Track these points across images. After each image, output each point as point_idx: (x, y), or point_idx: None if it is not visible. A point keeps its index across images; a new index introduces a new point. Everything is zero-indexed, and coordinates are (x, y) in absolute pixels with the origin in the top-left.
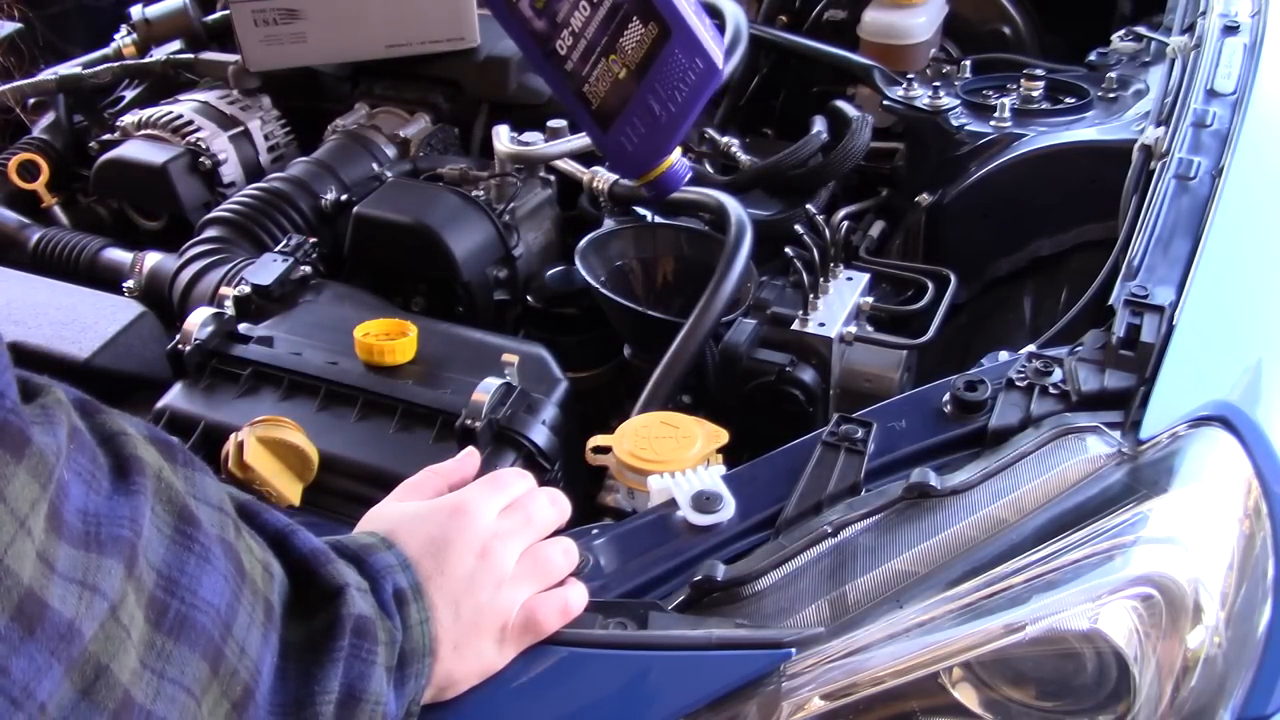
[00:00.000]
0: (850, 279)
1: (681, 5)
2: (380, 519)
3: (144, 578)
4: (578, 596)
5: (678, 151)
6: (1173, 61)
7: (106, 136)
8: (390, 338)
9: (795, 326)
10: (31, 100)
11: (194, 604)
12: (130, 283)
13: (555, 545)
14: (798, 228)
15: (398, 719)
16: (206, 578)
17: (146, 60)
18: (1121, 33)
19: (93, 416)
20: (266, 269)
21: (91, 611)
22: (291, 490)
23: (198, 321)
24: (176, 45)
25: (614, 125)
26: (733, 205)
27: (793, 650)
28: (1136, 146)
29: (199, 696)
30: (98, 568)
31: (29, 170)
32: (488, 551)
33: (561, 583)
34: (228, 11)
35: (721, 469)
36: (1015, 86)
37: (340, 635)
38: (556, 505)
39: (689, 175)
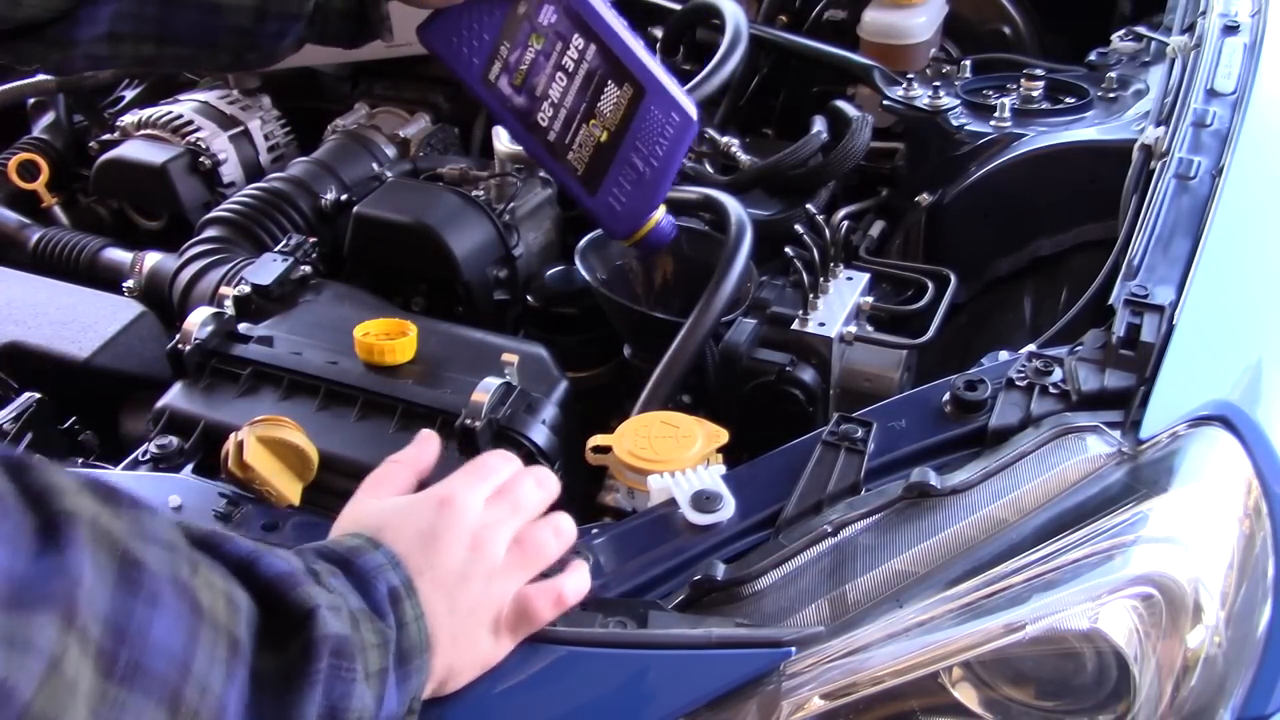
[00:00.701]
0: (850, 279)
1: (650, 64)
2: (365, 516)
3: (88, 629)
4: (575, 583)
5: (662, 209)
6: (1173, 61)
7: (106, 136)
8: (390, 338)
9: (795, 326)
10: (31, 100)
11: (145, 649)
12: (130, 283)
13: (545, 527)
14: (798, 228)
15: (399, 716)
16: (158, 621)
17: None
18: (1121, 33)
19: (21, 475)
20: (266, 269)
21: (26, 669)
22: (291, 490)
23: (198, 321)
24: None
25: (601, 187)
26: (733, 205)
27: (792, 650)
28: (1136, 146)
29: None
30: (27, 625)
31: (29, 170)
32: (478, 543)
33: (562, 564)
34: None
35: (721, 469)
36: (1015, 86)
37: (317, 659)
38: (544, 486)
39: (675, 233)
